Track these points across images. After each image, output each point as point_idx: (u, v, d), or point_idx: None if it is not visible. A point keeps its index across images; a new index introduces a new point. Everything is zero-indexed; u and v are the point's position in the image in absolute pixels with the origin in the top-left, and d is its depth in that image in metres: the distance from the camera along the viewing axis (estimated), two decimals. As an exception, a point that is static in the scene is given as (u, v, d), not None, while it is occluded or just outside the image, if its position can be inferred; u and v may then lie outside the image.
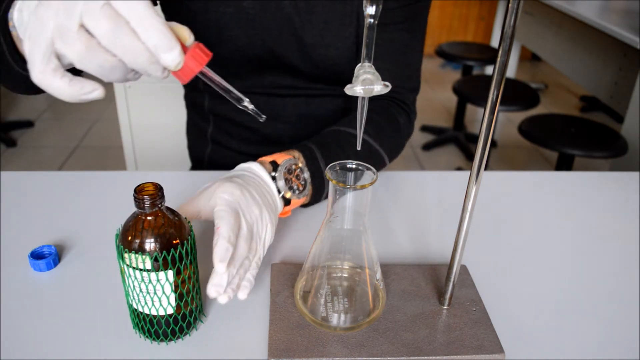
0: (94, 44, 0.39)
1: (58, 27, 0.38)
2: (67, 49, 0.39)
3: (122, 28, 0.39)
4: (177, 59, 0.41)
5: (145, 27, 0.39)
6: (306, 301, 0.56)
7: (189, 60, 0.42)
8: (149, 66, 0.41)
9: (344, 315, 0.54)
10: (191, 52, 0.42)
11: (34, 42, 0.39)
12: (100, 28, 0.38)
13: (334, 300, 0.56)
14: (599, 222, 0.79)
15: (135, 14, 0.39)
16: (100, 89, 0.41)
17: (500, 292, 0.63)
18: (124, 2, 0.38)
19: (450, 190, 0.82)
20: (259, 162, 0.65)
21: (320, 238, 0.54)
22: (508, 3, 0.42)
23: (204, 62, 0.43)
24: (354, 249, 0.54)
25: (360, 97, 0.46)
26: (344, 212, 0.52)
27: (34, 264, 0.63)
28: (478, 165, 0.49)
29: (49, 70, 0.39)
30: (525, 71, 4.27)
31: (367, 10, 0.43)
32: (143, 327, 0.53)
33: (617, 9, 2.38)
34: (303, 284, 0.57)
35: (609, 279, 0.67)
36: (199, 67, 0.42)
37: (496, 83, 0.45)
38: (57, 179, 0.83)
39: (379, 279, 0.56)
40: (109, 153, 2.80)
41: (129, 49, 0.39)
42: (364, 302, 0.56)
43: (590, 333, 0.58)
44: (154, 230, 0.48)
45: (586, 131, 2.06)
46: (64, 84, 0.40)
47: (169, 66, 0.41)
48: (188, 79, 0.43)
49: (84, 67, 0.40)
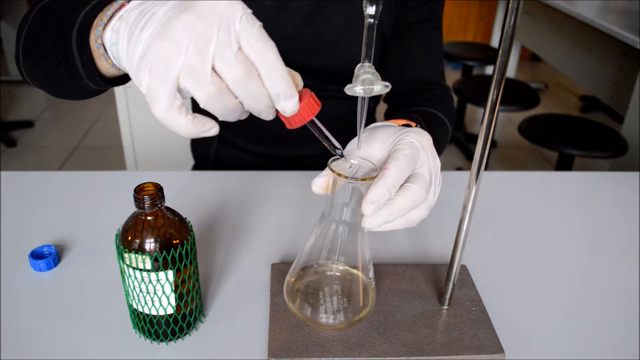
0: (224, 87, 0.39)
1: (188, 66, 0.37)
2: (198, 90, 0.38)
3: (253, 74, 0.39)
4: (295, 107, 0.42)
5: (273, 75, 0.39)
6: (295, 296, 0.55)
7: (303, 109, 0.43)
8: (265, 109, 0.41)
9: (331, 313, 0.54)
10: (306, 101, 0.43)
11: (158, 78, 0.38)
12: (233, 73, 0.38)
13: (322, 296, 0.55)
14: (599, 222, 0.79)
15: (266, 63, 0.39)
16: (217, 126, 0.41)
17: (500, 292, 0.63)
18: (256, 49, 0.38)
19: (450, 190, 0.82)
20: None
21: (315, 233, 0.54)
22: (508, 3, 0.42)
23: (315, 112, 0.44)
24: (348, 246, 0.53)
25: (360, 97, 0.46)
26: (342, 207, 0.51)
27: (34, 264, 0.63)
28: (478, 165, 0.49)
29: (175, 108, 0.38)
30: (525, 71, 4.27)
31: (367, 10, 0.43)
32: (143, 327, 0.53)
33: (617, 9, 2.38)
34: (293, 279, 0.56)
35: (609, 279, 0.66)
36: (310, 116, 0.44)
37: (496, 83, 0.45)
38: (57, 179, 0.83)
39: (371, 277, 0.55)
40: (109, 153, 2.80)
41: (254, 94, 0.40)
42: (352, 301, 0.55)
43: (590, 333, 0.58)
44: (154, 230, 0.48)
45: (586, 131, 2.06)
46: (187, 121, 0.39)
47: (285, 112, 0.42)
48: (297, 125, 0.44)
49: (209, 107, 0.39)
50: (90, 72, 0.51)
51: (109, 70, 0.51)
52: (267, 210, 0.77)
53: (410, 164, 0.47)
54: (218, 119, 0.42)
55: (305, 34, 0.79)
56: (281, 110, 0.42)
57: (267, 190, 0.82)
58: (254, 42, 0.38)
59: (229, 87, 0.39)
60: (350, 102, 0.89)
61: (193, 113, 0.40)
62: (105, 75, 0.52)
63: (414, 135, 0.49)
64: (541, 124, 2.12)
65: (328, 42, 0.80)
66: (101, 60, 0.49)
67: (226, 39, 0.38)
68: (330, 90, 0.86)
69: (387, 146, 0.50)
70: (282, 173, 0.86)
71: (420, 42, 0.83)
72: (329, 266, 0.55)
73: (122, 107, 1.70)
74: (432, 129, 0.67)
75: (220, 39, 0.37)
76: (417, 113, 0.74)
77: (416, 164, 0.48)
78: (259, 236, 0.72)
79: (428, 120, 0.71)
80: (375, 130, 0.53)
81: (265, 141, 0.93)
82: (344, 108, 0.90)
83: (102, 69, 0.51)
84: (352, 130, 0.52)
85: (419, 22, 0.83)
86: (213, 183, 0.84)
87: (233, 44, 0.38)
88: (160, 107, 0.38)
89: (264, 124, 0.91)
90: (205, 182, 0.84)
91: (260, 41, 0.39)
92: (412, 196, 0.47)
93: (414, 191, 0.47)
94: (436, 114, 0.77)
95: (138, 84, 0.40)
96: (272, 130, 0.91)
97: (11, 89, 3.53)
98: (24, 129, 3.02)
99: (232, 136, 0.94)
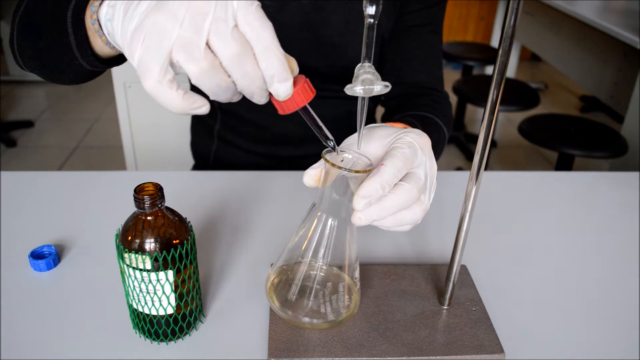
0: (217, 64, 0.38)
1: (182, 39, 0.37)
2: (190, 64, 0.38)
3: (248, 53, 0.38)
4: (289, 90, 0.41)
5: (268, 55, 0.39)
6: (275, 293, 0.54)
7: (297, 94, 0.42)
8: (258, 92, 0.41)
9: (311, 313, 0.52)
10: (300, 86, 0.42)
11: (151, 50, 0.37)
12: (227, 50, 0.38)
13: (304, 295, 0.53)
14: (599, 222, 0.79)
15: (262, 42, 0.38)
16: (207, 105, 0.41)
17: (500, 292, 0.63)
18: (253, 27, 0.38)
19: (450, 190, 0.82)
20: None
21: (301, 227, 0.52)
22: (508, 3, 0.42)
23: (309, 98, 0.43)
24: (335, 244, 0.52)
25: (360, 97, 0.46)
26: (332, 201, 0.50)
27: (34, 264, 0.63)
28: (478, 165, 0.49)
29: (166, 81, 0.38)
30: (525, 71, 4.27)
31: (367, 10, 0.43)
32: (143, 327, 0.53)
33: (617, 9, 2.38)
34: (274, 275, 0.55)
35: (609, 279, 0.66)
36: (304, 102, 0.43)
37: (496, 83, 0.45)
38: (57, 179, 0.83)
39: (356, 277, 0.54)
40: (109, 153, 2.80)
41: (248, 74, 0.39)
42: (335, 301, 0.53)
43: (590, 333, 0.58)
44: (154, 230, 0.48)
45: (586, 131, 2.06)
46: (178, 96, 0.39)
47: (278, 96, 0.41)
48: (290, 111, 0.43)
49: (200, 84, 0.39)
50: (84, 50, 0.50)
51: (103, 49, 0.50)
52: (267, 210, 0.77)
53: (407, 164, 0.47)
54: (209, 98, 0.41)
55: (304, 34, 0.79)
56: (274, 93, 0.41)
57: (267, 190, 0.82)
58: (251, 20, 0.38)
59: (222, 64, 0.39)
60: (350, 102, 0.89)
61: (183, 88, 0.39)
62: (99, 55, 0.52)
63: (414, 136, 0.49)
64: (541, 124, 2.12)
65: (327, 43, 0.80)
66: (96, 38, 0.49)
67: (222, 15, 0.37)
68: (330, 90, 0.86)
69: (385, 144, 0.50)
70: (282, 173, 0.86)
71: (418, 46, 0.83)
72: (313, 263, 0.53)
73: (122, 107, 1.70)
74: (429, 134, 0.66)
75: (217, 14, 0.37)
76: (414, 117, 0.74)
77: (413, 164, 0.47)
78: (259, 236, 0.72)
79: (425, 125, 0.71)
80: (373, 129, 0.52)
81: (265, 141, 0.93)
82: (343, 108, 0.90)
83: (96, 48, 0.51)
84: (351, 130, 0.51)
85: (418, 26, 0.82)
86: (213, 183, 0.84)
87: (230, 20, 0.37)
88: (151, 79, 0.38)
89: (265, 124, 0.91)
90: (205, 182, 0.84)
91: (257, 20, 0.38)
92: (404, 195, 0.46)
93: (407, 190, 0.46)
94: (433, 119, 0.76)
95: (130, 58, 0.39)
96: (272, 131, 0.91)
97: (11, 89, 3.53)
98: (24, 129, 3.02)
99: (232, 136, 0.94)
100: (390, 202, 0.45)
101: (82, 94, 3.51)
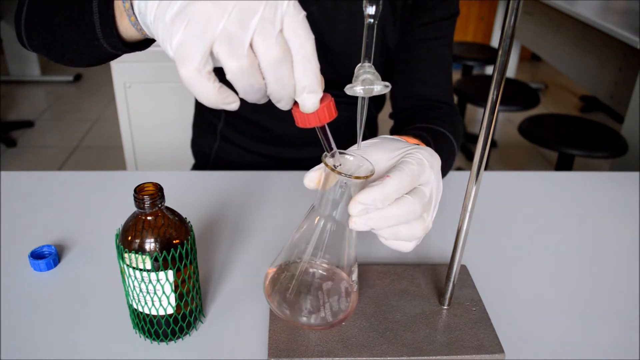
0: (256, 65, 0.38)
1: (227, 33, 0.36)
2: (231, 60, 0.37)
3: (287, 60, 0.38)
4: (316, 104, 0.41)
5: (306, 66, 0.39)
6: (272, 288, 0.53)
7: (322, 110, 0.42)
8: (285, 99, 0.40)
9: (307, 313, 0.52)
10: (326, 104, 0.42)
11: (194, 36, 0.36)
12: (269, 53, 0.37)
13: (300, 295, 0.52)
14: (599, 222, 0.79)
15: (303, 52, 0.38)
16: (238, 102, 0.40)
17: (500, 292, 0.63)
18: (297, 35, 0.38)
19: (450, 190, 0.82)
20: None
21: (301, 226, 0.52)
22: (508, 3, 0.42)
23: (332, 117, 0.43)
24: (333, 246, 0.51)
25: (360, 97, 0.46)
26: (331, 204, 0.49)
27: (34, 264, 0.63)
28: (478, 165, 0.49)
29: (205, 71, 0.37)
30: (525, 71, 4.27)
31: (367, 10, 0.43)
32: (143, 327, 0.53)
33: (617, 9, 2.38)
34: (272, 273, 0.54)
35: (609, 279, 0.66)
36: (325, 120, 0.42)
37: (496, 83, 0.45)
38: (57, 179, 0.83)
39: (354, 280, 0.53)
40: (109, 153, 2.80)
41: (282, 80, 0.39)
42: (331, 303, 0.53)
43: (590, 333, 0.58)
44: (154, 230, 0.48)
45: (586, 131, 2.06)
46: (214, 89, 0.38)
47: (304, 106, 0.41)
48: (309, 126, 0.43)
49: (235, 81, 0.38)
50: (108, 31, 0.48)
51: (128, 30, 0.48)
52: (267, 211, 0.77)
53: (414, 181, 0.45)
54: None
55: None
56: (301, 103, 0.41)
57: (268, 191, 0.82)
58: (296, 27, 0.38)
59: (260, 66, 0.38)
60: (352, 108, 0.89)
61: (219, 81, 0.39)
62: (122, 36, 0.49)
63: (425, 154, 0.48)
64: (541, 124, 2.12)
65: (332, 51, 0.80)
66: (123, 18, 0.47)
67: (271, 17, 0.37)
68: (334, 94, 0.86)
69: (393, 157, 0.49)
70: (283, 173, 0.86)
71: (428, 59, 0.82)
72: (310, 264, 0.52)
73: (122, 107, 1.70)
74: (440, 149, 0.65)
75: (265, 15, 0.37)
76: (425, 130, 0.73)
77: (419, 181, 0.46)
78: (259, 236, 0.72)
79: (436, 139, 0.70)
80: (386, 140, 0.52)
81: (267, 141, 0.93)
82: (345, 115, 0.89)
83: (120, 28, 0.48)
84: (354, 136, 0.51)
85: (429, 39, 0.82)
86: (213, 183, 0.84)
87: (277, 23, 0.37)
88: (191, 67, 0.37)
89: (269, 125, 0.91)
90: (205, 182, 0.84)
91: (303, 29, 0.38)
92: (406, 207, 0.44)
93: (409, 203, 0.44)
94: (444, 133, 0.75)
95: (164, 42, 0.38)
96: (274, 131, 0.91)
97: (11, 89, 3.53)
98: (24, 129, 3.02)
99: (235, 135, 0.94)
100: (390, 212, 0.44)
101: (82, 94, 3.51)
